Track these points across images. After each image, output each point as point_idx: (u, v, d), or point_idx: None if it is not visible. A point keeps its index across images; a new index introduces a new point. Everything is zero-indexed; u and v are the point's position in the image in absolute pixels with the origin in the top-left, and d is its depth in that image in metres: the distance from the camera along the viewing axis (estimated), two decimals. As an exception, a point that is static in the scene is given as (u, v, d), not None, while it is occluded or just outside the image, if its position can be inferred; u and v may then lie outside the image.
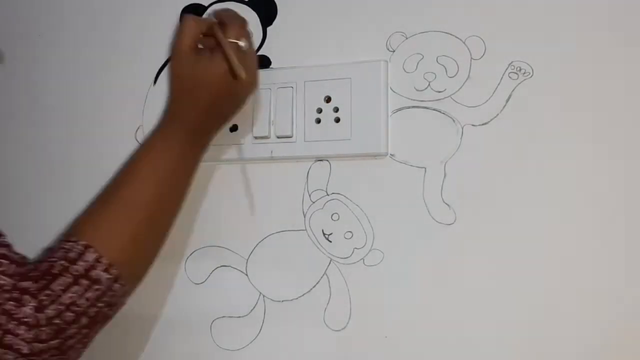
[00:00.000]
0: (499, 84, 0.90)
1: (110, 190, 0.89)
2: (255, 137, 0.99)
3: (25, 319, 0.77)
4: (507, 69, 0.90)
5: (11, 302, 0.77)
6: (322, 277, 0.96)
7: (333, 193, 0.97)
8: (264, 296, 0.99)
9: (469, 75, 0.92)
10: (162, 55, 1.05)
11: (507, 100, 0.90)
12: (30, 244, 0.87)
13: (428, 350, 0.91)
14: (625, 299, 0.85)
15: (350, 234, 0.95)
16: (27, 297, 0.78)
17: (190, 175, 0.94)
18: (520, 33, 0.90)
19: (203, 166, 0.97)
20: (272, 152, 0.99)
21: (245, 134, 1.00)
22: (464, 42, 0.92)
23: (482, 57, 0.91)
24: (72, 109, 1.10)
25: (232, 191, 1.01)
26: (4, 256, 0.79)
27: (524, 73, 0.89)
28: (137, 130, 1.06)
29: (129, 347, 1.01)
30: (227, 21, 0.91)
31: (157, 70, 1.06)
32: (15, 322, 0.76)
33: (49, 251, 0.85)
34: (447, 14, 0.93)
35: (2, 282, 0.77)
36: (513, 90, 0.90)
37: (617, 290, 0.85)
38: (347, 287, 0.95)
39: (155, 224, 0.90)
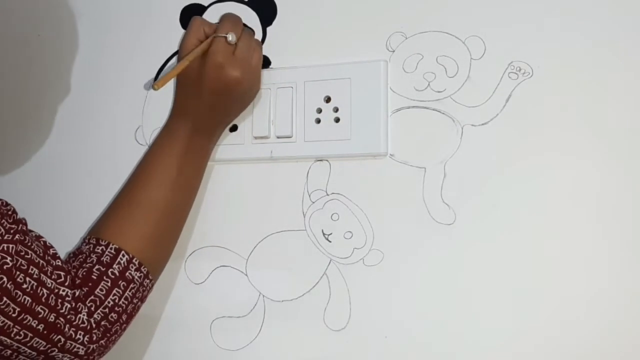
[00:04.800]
0: (498, 84, 0.90)
1: (127, 193, 0.96)
2: (255, 137, 0.99)
3: (82, 325, 0.85)
4: (507, 69, 0.90)
5: (71, 311, 0.84)
6: (322, 277, 0.96)
7: (333, 193, 0.96)
8: (263, 296, 0.99)
9: (468, 75, 0.92)
10: (162, 55, 1.06)
11: (507, 100, 0.90)
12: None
13: (428, 351, 0.91)
14: (625, 298, 0.85)
15: (350, 234, 0.95)
16: (80, 304, 0.85)
17: (199, 169, 0.98)
18: (520, 33, 0.90)
19: (203, 166, 0.97)
20: (272, 152, 0.99)
21: (245, 134, 1.00)
22: (464, 42, 0.92)
23: (482, 57, 0.91)
24: (72, 108, 1.10)
25: (232, 191, 1.01)
26: (61, 268, 0.85)
27: (524, 73, 0.89)
28: (137, 130, 1.06)
29: (128, 347, 1.01)
30: (221, 19, 0.96)
31: (157, 70, 1.06)
32: (74, 329, 0.84)
33: (79, 255, 0.91)
34: (447, 14, 0.93)
35: (63, 293, 0.84)
36: (513, 90, 0.90)
37: (616, 289, 0.85)
38: (347, 287, 0.95)
39: (171, 220, 0.96)
